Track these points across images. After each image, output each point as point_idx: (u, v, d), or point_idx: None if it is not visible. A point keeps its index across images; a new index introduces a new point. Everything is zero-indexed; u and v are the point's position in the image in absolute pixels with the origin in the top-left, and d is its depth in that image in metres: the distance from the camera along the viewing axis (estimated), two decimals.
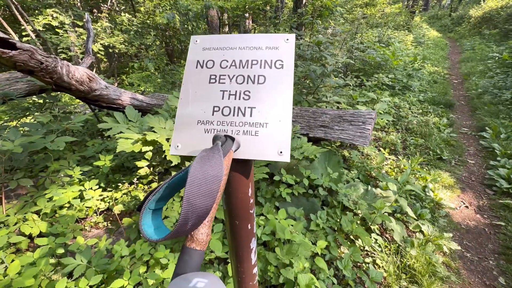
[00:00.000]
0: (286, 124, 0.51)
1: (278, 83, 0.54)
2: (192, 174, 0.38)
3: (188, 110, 0.55)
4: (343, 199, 2.09)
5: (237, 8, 4.88)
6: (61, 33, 6.08)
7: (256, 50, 0.57)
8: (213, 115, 0.54)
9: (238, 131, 0.53)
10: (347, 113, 2.56)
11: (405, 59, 6.71)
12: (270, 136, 0.52)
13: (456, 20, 16.12)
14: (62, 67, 2.41)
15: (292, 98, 0.53)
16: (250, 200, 0.63)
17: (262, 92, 0.54)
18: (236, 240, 0.69)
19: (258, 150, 0.51)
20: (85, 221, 2.21)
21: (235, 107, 0.54)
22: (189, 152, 0.54)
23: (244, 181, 0.57)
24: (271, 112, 0.53)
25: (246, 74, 0.56)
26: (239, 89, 0.55)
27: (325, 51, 4.29)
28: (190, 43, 0.61)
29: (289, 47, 0.57)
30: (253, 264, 0.78)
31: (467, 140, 4.04)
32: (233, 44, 0.59)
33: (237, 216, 0.63)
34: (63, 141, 2.21)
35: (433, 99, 5.32)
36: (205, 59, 0.59)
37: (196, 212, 0.37)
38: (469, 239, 2.35)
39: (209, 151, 0.43)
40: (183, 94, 0.57)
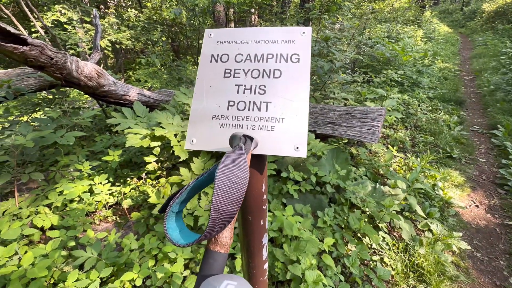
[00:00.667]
0: (303, 119, 0.50)
1: (294, 77, 0.53)
2: (219, 180, 0.38)
3: (203, 104, 0.55)
4: (350, 197, 2.07)
5: (243, 3, 4.83)
6: (69, 29, 6.13)
7: (272, 43, 0.56)
8: (228, 110, 0.54)
9: (254, 126, 0.52)
10: (355, 109, 2.52)
11: (414, 55, 6.57)
12: (286, 131, 0.51)
13: (468, 15, 15.67)
14: (71, 62, 2.43)
15: (309, 92, 0.52)
16: (263, 196, 0.62)
17: (278, 86, 0.53)
18: (248, 235, 0.68)
19: (274, 145, 0.51)
20: (94, 215, 2.25)
21: (251, 101, 0.53)
22: (204, 147, 0.53)
23: (258, 176, 0.56)
24: (288, 107, 0.52)
25: (261, 68, 0.55)
26: (255, 84, 0.54)
27: (333, 46, 4.23)
28: (204, 37, 0.60)
29: (306, 40, 0.55)
30: (264, 259, 0.77)
31: (478, 138, 3.95)
32: (248, 38, 0.58)
33: (250, 212, 0.62)
34: (73, 136, 2.24)
35: (443, 96, 5.21)
36: (220, 53, 0.58)
37: (223, 217, 0.38)
38: (479, 238, 2.31)
39: (234, 155, 0.43)
40: (198, 88, 0.56)
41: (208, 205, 1.80)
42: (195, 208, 1.76)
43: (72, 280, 1.35)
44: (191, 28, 5.18)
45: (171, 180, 1.85)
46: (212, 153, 2.20)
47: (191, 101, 2.62)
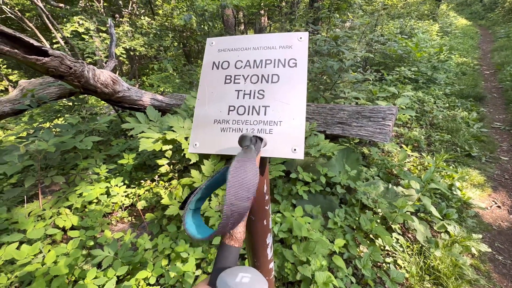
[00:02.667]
0: (300, 122, 0.52)
1: (291, 81, 0.55)
2: (231, 178, 0.41)
3: (205, 110, 0.58)
4: (362, 197, 2.04)
5: (252, 6, 4.88)
6: (87, 38, 6.44)
7: (270, 49, 0.58)
8: (228, 115, 0.56)
9: (253, 129, 0.54)
10: (366, 109, 2.48)
11: (429, 50, 6.34)
12: (284, 133, 0.52)
13: (488, 6, 14.94)
14: (88, 71, 2.56)
15: (306, 96, 0.53)
16: (265, 197, 0.64)
17: (276, 91, 0.55)
18: (252, 235, 0.70)
19: (273, 147, 0.52)
20: (111, 216, 2.35)
21: (250, 106, 0.55)
22: (206, 150, 0.56)
23: (259, 178, 0.58)
24: (285, 110, 0.53)
25: (260, 74, 0.57)
26: (254, 89, 0.56)
27: (343, 45, 4.17)
28: (206, 45, 0.63)
29: (303, 45, 0.57)
30: (269, 259, 0.79)
31: (500, 136, 3.76)
32: (247, 45, 0.60)
33: (253, 212, 0.64)
34: (91, 141, 2.36)
35: (461, 92, 5.00)
36: (221, 60, 0.60)
37: (236, 214, 0.41)
38: (502, 241, 2.20)
39: (245, 156, 0.46)
40: (200, 94, 0.59)
41: (218, 206, 1.83)
42: (206, 209, 1.81)
43: (91, 277, 1.42)
44: (201, 32, 5.31)
45: (183, 182, 1.91)
46: (222, 155, 2.24)
47: None
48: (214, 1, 4.20)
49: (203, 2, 3.99)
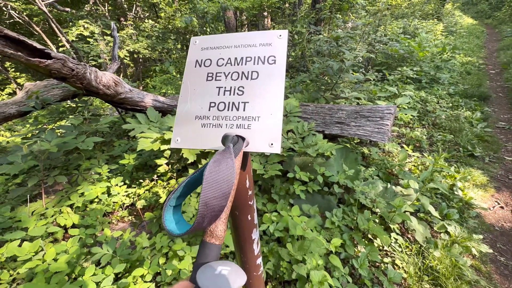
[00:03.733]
0: (277, 117, 0.53)
1: (270, 78, 0.56)
2: (206, 178, 0.42)
3: (187, 106, 0.59)
4: (360, 197, 2.03)
5: (253, 7, 4.92)
6: (91, 41, 6.56)
7: (251, 47, 0.60)
8: (209, 111, 0.58)
9: (232, 125, 0.55)
10: (364, 108, 2.47)
11: (432, 50, 6.28)
12: (261, 129, 0.54)
13: (495, 5, 14.71)
14: (90, 73, 2.61)
15: (283, 92, 0.54)
16: (248, 192, 0.65)
17: (255, 87, 0.56)
18: (237, 230, 0.72)
19: (251, 142, 0.54)
20: (112, 215, 2.38)
21: (230, 102, 0.57)
22: (188, 146, 0.58)
23: (241, 173, 0.60)
24: (263, 106, 0.55)
25: (240, 71, 0.58)
26: (234, 85, 0.58)
27: (344, 46, 4.16)
28: (190, 44, 0.65)
29: (282, 43, 0.58)
30: (256, 254, 0.80)
31: (505, 135, 3.70)
32: (229, 43, 0.62)
33: (236, 207, 0.66)
34: (92, 141, 2.41)
35: (465, 92, 4.93)
36: (203, 58, 0.62)
37: (211, 211, 0.42)
38: (504, 242, 2.16)
39: (222, 154, 0.46)
40: (183, 92, 0.61)
41: None
42: None
43: (89, 274, 1.45)
44: (203, 34, 5.36)
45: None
46: None
47: None
48: (214, 3, 4.25)
49: (204, 5, 4.05)
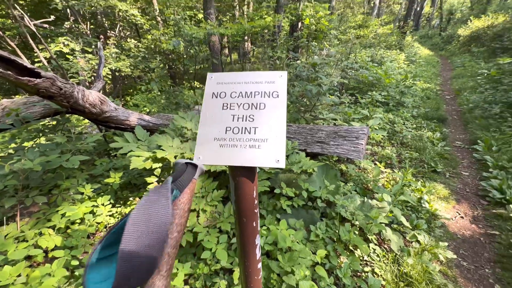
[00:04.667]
0: (281, 139, 0.68)
1: (275, 108, 0.71)
2: (129, 225, 0.32)
3: (206, 130, 0.72)
4: (340, 210, 2.20)
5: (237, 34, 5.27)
6: (71, 59, 6.46)
7: (258, 84, 0.75)
8: (226, 133, 0.71)
9: (245, 145, 0.69)
10: (341, 129, 2.74)
11: (397, 77, 7.03)
12: (269, 148, 0.68)
13: (446, 39, 16.88)
14: (78, 92, 2.63)
15: (288, 117, 0.69)
16: (254, 201, 0.77)
17: (263, 115, 0.71)
18: (243, 236, 0.82)
19: (261, 159, 0.67)
20: (95, 236, 2.31)
21: (243, 127, 0.70)
22: (208, 162, 0.69)
23: (250, 184, 0.72)
24: (270, 130, 0.69)
25: (250, 102, 0.73)
26: (245, 114, 0.72)
27: (321, 71, 4.57)
28: (206, 79, 0.79)
29: (283, 81, 0.74)
30: (258, 259, 0.90)
31: (461, 153, 4.19)
32: (240, 79, 0.76)
33: (244, 215, 0.77)
34: (77, 160, 2.38)
35: (426, 114, 5.54)
36: (219, 91, 0.76)
37: (137, 268, 0.31)
38: (465, 248, 2.42)
39: (154, 194, 0.38)
40: (202, 117, 0.74)
41: (206, 221, 1.90)
42: (194, 225, 1.87)
43: None
44: (187, 56, 5.57)
45: None
46: (210, 172, 2.34)
47: (189, 124, 2.81)
48: (201, 29, 4.52)
49: (192, 30, 4.29)
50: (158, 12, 7.27)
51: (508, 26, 10.72)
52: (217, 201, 2.02)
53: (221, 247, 1.72)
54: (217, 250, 1.69)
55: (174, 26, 5.88)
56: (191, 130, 2.74)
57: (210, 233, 1.82)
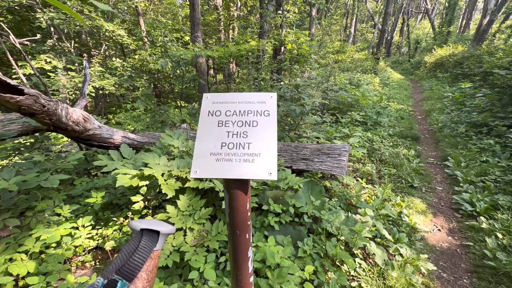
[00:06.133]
0: (273, 154, 0.74)
1: (266, 126, 0.78)
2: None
3: (203, 145, 0.77)
4: (326, 226, 2.25)
5: (223, 57, 5.50)
6: (52, 76, 6.33)
7: (251, 103, 0.82)
8: (221, 149, 0.76)
9: (240, 159, 0.74)
10: (324, 146, 2.87)
11: (373, 98, 7.53)
12: (262, 162, 0.73)
13: (415, 65, 18.48)
14: (62, 109, 2.59)
15: (276, 135, 0.76)
16: (248, 213, 0.81)
17: (255, 132, 0.78)
18: (236, 248, 0.85)
19: (254, 172, 0.73)
20: (71, 261, 2.16)
21: (237, 143, 0.76)
22: (205, 176, 0.73)
23: (243, 197, 0.77)
24: (263, 145, 0.75)
25: (244, 120, 0.80)
26: (240, 130, 0.78)
27: (303, 92, 4.82)
28: (202, 99, 0.85)
29: (273, 101, 0.82)
30: (250, 272, 0.92)
31: (434, 169, 4.47)
32: (234, 99, 0.84)
33: (238, 227, 0.81)
34: (57, 179, 2.28)
35: (401, 133, 5.92)
36: (214, 110, 0.82)
37: None
38: (444, 260, 2.53)
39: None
40: (199, 134, 0.79)
41: (194, 240, 1.87)
42: (181, 245, 1.83)
43: None
44: (174, 76, 5.66)
45: (158, 218, 1.93)
46: (197, 190, 2.33)
47: (176, 142, 2.82)
48: (189, 50, 4.67)
49: (179, 52, 4.42)
50: (145, 33, 7.43)
51: (466, 55, 12.01)
52: (205, 219, 2.00)
53: (209, 266, 1.69)
54: (205, 269, 1.66)
55: (162, 47, 6.02)
56: (178, 148, 2.75)
57: (197, 252, 1.79)
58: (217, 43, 12.48)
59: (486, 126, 5.22)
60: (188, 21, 10.63)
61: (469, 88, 7.91)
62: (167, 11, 14.48)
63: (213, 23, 12.65)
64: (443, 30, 18.41)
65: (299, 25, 16.41)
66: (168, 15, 14.49)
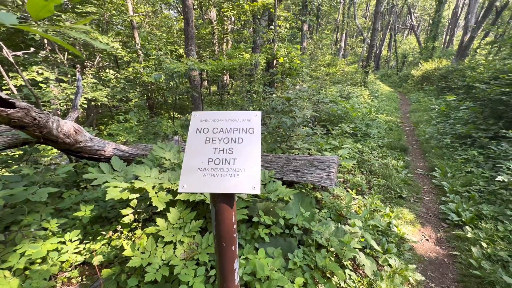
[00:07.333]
0: (257, 169, 0.79)
1: (251, 142, 0.83)
2: None
3: (191, 161, 0.81)
4: (316, 237, 2.28)
5: (216, 70, 5.62)
6: (44, 87, 6.30)
7: (236, 121, 0.88)
8: (208, 164, 0.80)
9: (225, 174, 0.79)
10: (314, 158, 2.94)
11: (362, 110, 7.75)
12: (246, 177, 0.78)
13: (402, 78, 19.18)
14: (53, 122, 2.59)
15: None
16: (233, 226, 0.85)
17: (241, 148, 0.83)
18: (222, 260, 0.88)
19: (239, 186, 0.77)
20: (57, 277, 2.11)
21: (223, 158, 0.81)
22: (192, 190, 0.77)
23: (229, 210, 0.81)
24: (247, 161, 0.80)
25: (230, 137, 0.85)
26: (226, 147, 0.83)
27: (295, 105, 4.94)
28: (191, 117, 0.90)
29: (257, 119, 0.88)
30: (236, 284, 0.95)
31: (422, 180, 4.59)
32: (221, 117, 0.89)
33: (224, 239, 0.84)
34: (45, 192, 2.25)
35: (390, 144, 6.07)
36: (202, 127, 0.87)
37: None
38: (432, 269, 2.58)
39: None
40: (187, 150, 0.83)
41: (183, 253, 1.87)
42: (170, 258, 1.82)
43: None
44: (168, 88, 5.74)
45: (148, 231, 1.92)
46: (188, 203, 2.33)
47: (168, 154, 2.84)
48: (182, 64, 4.77)
49: (173, 65, 4.51)
50: (139, 46, 7.55)
51: (450, 69, 12.57)
52: (195, 232, 2.01)
53: (199, 280, 1.68)
54: (195, 283, 1.65)
55: (156, 60, 6.11)
56: (170, 160, 2.77)
57: (187, 265, 1.78)
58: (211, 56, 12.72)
59: (470, 138, 5.42)
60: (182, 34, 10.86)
61: (454, 101, 8.24)
62: (162, 24, 14.76)
63: (207, 37, 12.94)
64: (428, 45, 19.29)
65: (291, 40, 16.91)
66: (163, 28, 14.76)
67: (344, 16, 24.43)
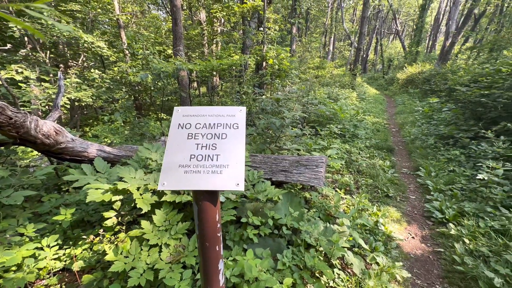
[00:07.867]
0: (241, 165, 0.76)
1: (235, 138, 0.81)
2: None
3: (172, 158, 0.78)
4: (305, 237, 2.27)
5: (205, 70, 5.56)
6: (24, 87, 6.03)
7: (220, 117, 0.85)
8: (190, 161, 0.77)
9: (208, 171, 0.76)
10: (302, 158, 2.94)
11: (350, 112, 7.89)
12: (230, 173, 0.75)
13: (388, 81, 19.72)
14: (31, 122, 2.46)
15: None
16: (217, 225, 0.82)
17: (224, 144, 0.80)
18: (206, 261, 0.85)
19: (222, 183, 0.74)
20: (33, 285, 1.99)
21: (206, 155, 0.78)
22: (172, 188, 0.74)
23: (212, 208, 0.78)
24: (231, 157, 0.78)
25: (213, 133, 0.82)
26: (209, 143, 0.80)
27: (284, 106, 4.96)
28: (173, 112, 0.87)
29: (242, 115, 0.86)
30: (221, 286, 0.91)
31: (408, 179, 4.70)
32: (204, 113, 0.86)
33: (207, 238, 0.81)
34: (22, 196, 2.14)
35: (377, 145, 6.20)
36: (185, 123, 0.84)
37: None
38: (418, 266, 2.62)
39: None
40: (168, 146, 0.80)
41: (169, 257, 1.81)
42: (155, 262, 1.76)
43: None
44: (155, 88, 5.62)
45: (132, 234, 1.85)
46: (175, 204, 2.27)
47: (154, 155, 2.77)
48: (170, 64, 4.68)
49: (160, 65, 4.42)
50: (126, 46, 7.37)
51: (433, 73, 13.03)
52: (182, 234, 1.95)
53: (185, 283, 1.63)
54: (180, 287, 1.60)
55: (143, 60, 5.99)
56: (156, 161, 2.69)
57: (173, 269, 1.73)
58: (201, 57, 12.62)
59: (452, 138, 5.61)
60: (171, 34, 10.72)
61: (437, 103, 8.54)
62: (150, 24, 14.52)
63: (196, 38, 12.83)
64: (413, 49, 19.95)
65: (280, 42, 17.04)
66: (151, 28, 14.53)
67: (332, 20, 24.93)
